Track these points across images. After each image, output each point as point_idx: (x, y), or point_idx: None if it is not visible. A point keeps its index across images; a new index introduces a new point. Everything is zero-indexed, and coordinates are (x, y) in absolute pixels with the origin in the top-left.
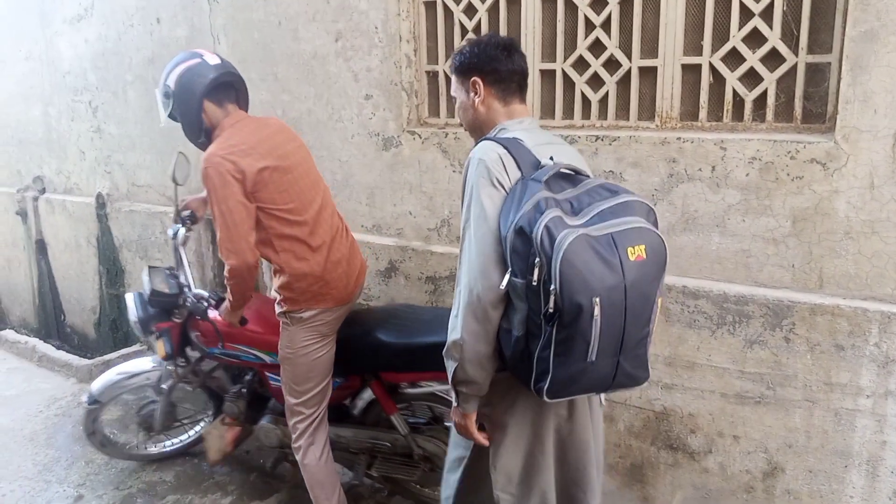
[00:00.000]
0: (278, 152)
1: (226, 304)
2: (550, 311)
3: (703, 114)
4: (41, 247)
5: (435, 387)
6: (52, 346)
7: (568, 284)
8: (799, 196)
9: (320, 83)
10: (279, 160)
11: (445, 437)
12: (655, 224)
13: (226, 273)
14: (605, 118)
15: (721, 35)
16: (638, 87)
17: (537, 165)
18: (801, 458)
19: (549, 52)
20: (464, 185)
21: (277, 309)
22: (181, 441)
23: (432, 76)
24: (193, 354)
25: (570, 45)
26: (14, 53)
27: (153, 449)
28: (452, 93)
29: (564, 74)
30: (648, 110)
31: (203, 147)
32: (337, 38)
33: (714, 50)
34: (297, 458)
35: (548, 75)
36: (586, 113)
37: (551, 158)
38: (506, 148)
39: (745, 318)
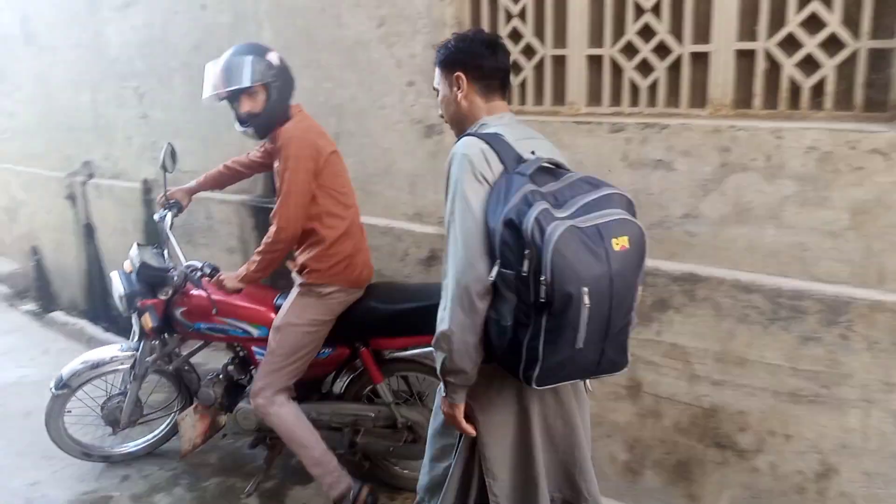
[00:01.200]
0: (333, 141)
1: (243, 269)
2: (541, 300)
3: (757, 101)
4: (89, 230)
5: (418, 350)
6: (101, 328)
7: (559, 274)
8: (859, 187)
9: (363, 70)
10: (333, 145)
11: (426, 407)
12: (635, 216)
13: (270, 237)
14: (655, 105)
15: (777, 20)
16: (689, 73)
17: (520, 160)
18: (858, 460)
19: (596, 38)
20: (447, 179)
21: (298, 279)
22: (146, 440)
23: None
24: (172, 341)
25: (619, 30)
26: (64, 41)
27: (116, 450)
28: (435, 85)
29: (612, 60)
30: (700, 97)
31: (260, 131)
32: (380, 24)
33: (770, 35)
34: (262, 412)
35: (594, 61)
36: (635, 100)
37: (532, 153)
38: (488, 143)
39: (800, 313)
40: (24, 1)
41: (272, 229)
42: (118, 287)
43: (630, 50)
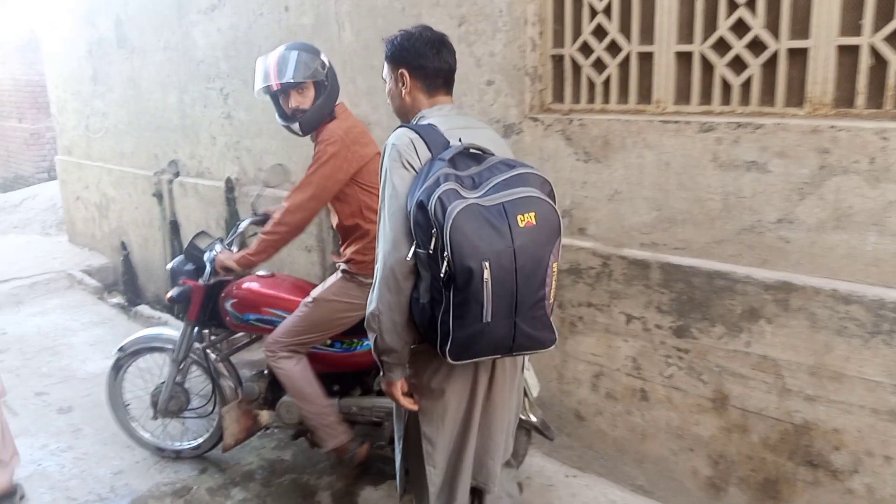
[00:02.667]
0: (375, 141)
1: (242, 253)
2: (447, 276)
3: (860, 100)
4: (174, 227)
5: None
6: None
7: (458, 250)
8: None
9: None
10: (377, 147)
11: None
12: (551, 195)
13: (275, 218)
14: (748, 104)
15: (884, 13)
16: (786, 70)
17: (447, 146)
18: None
19: (685, 34)
20: (381, 170)
21: (343, 267)
22: (199, 440)
23: (558, 60)
24: (220, 333)
25: (710, 25)
26: (154, 43)
27: (151, 438)
28: (383, 76)
29: (703, 57)
30: (797, 96)
31: (305, 127)
32: (460, 23)
33: (876, 30)
34: (271, 361)
35: (684, 58)
36: (726, 98)
37: (460, 140)
38: (417, 133)
39: None
40: (118, 5)
41: (278, 212)
42: (171, 262)
43: (722, 46)
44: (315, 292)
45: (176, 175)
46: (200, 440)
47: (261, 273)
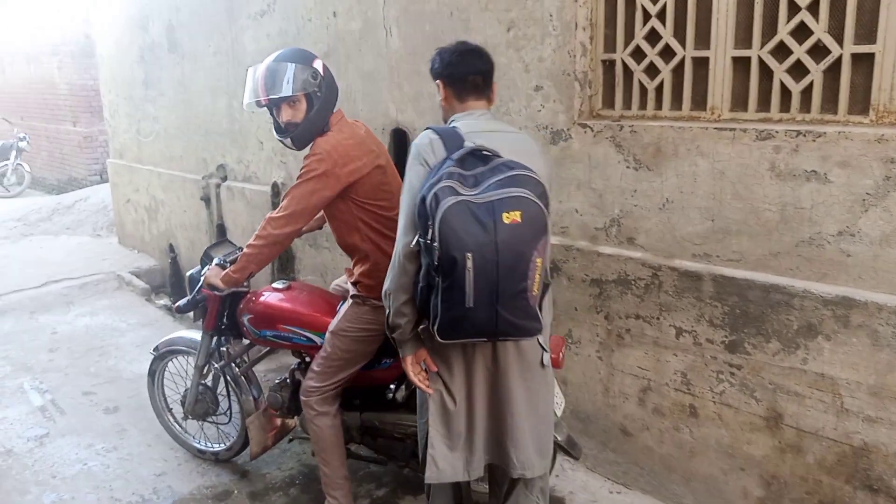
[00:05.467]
0: (378, 151)
1: (227, 270)
2: (436, 264)
3: None
4: (221, 231)
5: None
6: None
7: (445, 240)
8: None
9: None
10: (378, 158)
11: None
12: (543, 196)
13: (254, 235)
14: (808, 111)
15: None
16: (849, 76)
17: (461, 147)
18: None
19: (743, 38)
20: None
21: (353, 291)
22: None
23: (608, 65)
24: (239, 345)
25: (769, 29)
26: (204, 48)
27: (181, 431)
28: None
29: (761, 62)
30: (861, 103)
31: (297, 142)
32: (509, 28)
33: None
34: (307, 415)
35: (741, 63)
36: (785, 105)
37: (473, 142)
38: (438, 134)
39: None
40: (169, 11)
41: (259, 228)
42: (194, 269)
43: (782, 51)
44: (332, 323)
45: (224, 179)
46: (230, 443)
47: (277, 285)
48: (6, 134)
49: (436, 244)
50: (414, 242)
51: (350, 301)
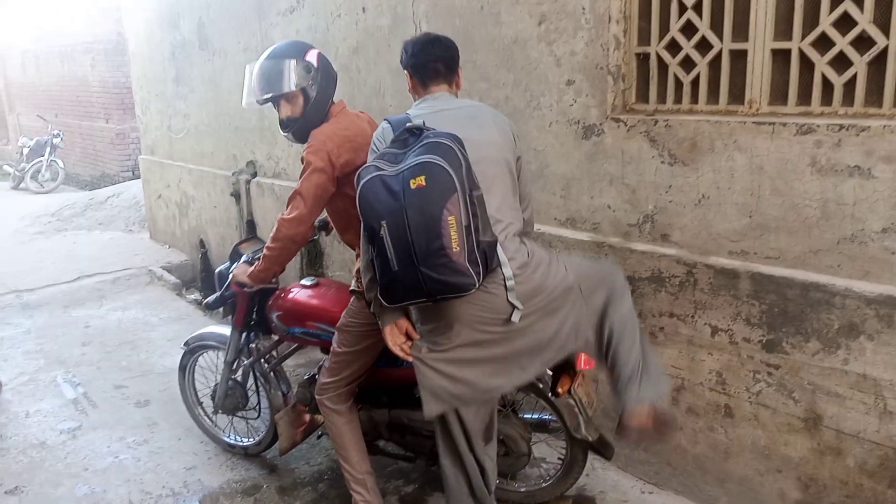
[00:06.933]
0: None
1: (253, 268)
2: (365, 234)
3: None
4: (251, 226)
5: None
6: None
7: (364, 213)
8: None
9: (519, 69)
10: None
11: (519, 420)
12: (453, 159)
13: (273, 234)
14: (851, 105)
15: None
16: (895, 69)
17: None
18: None
19: (783, 30)
20: None
21: (353, 286)
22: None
23: (643, 59)
24: (267, 342)
25: (811, 20)
26: (234, 45)
27: (212, 425)
28: None
29: (802, 54)
30: None
31: (298, 135)
32: (540, 21)
33: None
34: (324, 412)
35: (781, 56)
36: (827, 99)
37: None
38: (390, 123)
39: None
40: (200, 8)
41: (274, 227)
42: (224, 265)
43: (824, 42)
44: (340, 320)
45: (253, 175)
46: (259, 438)
47: (305, 282)
48: (41, 131)
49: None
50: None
51: (352, 297)
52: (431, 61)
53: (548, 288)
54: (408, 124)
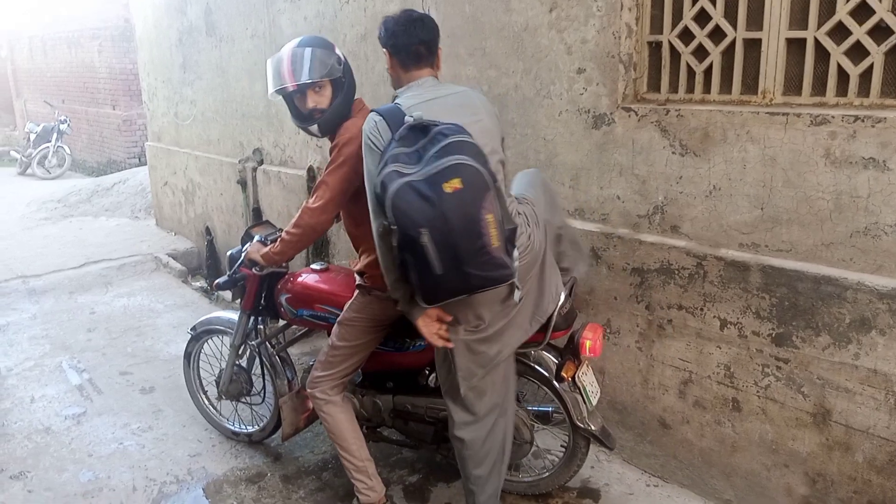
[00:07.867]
0: None
1: (268, 248)
2: (400, 243)
3: None
4: (257, 214)
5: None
6: None
7: (400, 223)
8: None
9: (529, 57)
10: None
11: (521, 407)
12: (479, 156)
13: (292, 221)
14: (867, 95)
15: None
16: None
17: (403, 125)
18: None
19: (798, 18)
20: None
21: (358, 281)
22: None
23: (655, 47)
24: (276, 325)
25: (827, 9)
26: (242, 31)
27: (216, 413)
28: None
29: (817, 43)
30: None
31: (324, 128)
32: (551, 9)
33: None
34: (316, 405)
35: (795, 45)
36: (842, 89)
37: (411, 117)
38: (381, 115)
39: None
40: None
41: (297, 214)
42: (235, 249)
43: (840, 31)
44: (341, 314)
45: (260, 163)
46: (263, 424)
47: (315, 266)
48: (48, 117)
49: (395, 227)
50: (380, 225)
51: (356, 291)
52: (414, 44)
53: (537, 259)
54: (411, 121)
